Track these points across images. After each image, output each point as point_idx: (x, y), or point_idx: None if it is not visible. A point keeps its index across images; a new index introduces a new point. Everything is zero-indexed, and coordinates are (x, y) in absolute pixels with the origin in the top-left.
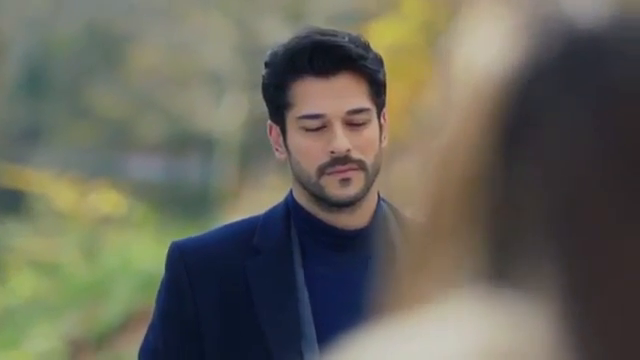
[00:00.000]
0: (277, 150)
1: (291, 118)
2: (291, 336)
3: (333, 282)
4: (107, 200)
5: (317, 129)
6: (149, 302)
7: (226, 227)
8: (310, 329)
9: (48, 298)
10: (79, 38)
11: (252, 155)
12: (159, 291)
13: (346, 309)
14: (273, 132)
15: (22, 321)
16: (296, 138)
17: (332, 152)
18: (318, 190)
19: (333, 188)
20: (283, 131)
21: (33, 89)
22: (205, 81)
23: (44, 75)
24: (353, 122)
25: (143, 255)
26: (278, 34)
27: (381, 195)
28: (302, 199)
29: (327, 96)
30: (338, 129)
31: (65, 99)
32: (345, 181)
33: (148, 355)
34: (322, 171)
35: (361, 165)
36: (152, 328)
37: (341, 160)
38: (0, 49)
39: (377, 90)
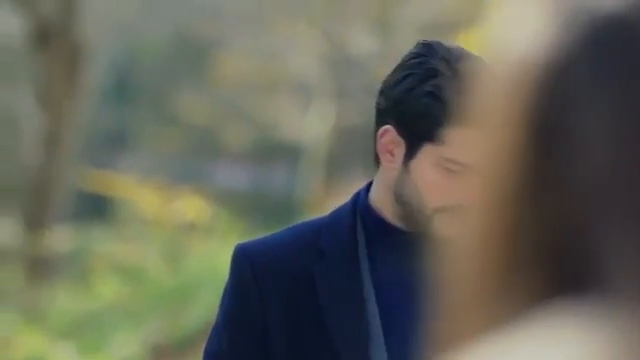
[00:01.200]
0: (383, 155)
1: (433, 152)
2: (359, 341)
3: (401, 286)
4: (191, 207)
5: (455, 172)
6: None
7: (291, 229)
8: (378, 334)
9: (131, 303)
10: (166, 44)
11: (338, 164)
12: (224, 294)
13: (414, 312)
14: (388, 138)
15: (105, 326)
16: (430, 172)
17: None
18: (425, 220)
19: (442, 227)
20: (410, 152)
21: (119, 95)
22: (292, 90)
23: (131, 81)
24: None
25: (226, 263)
26: (365, 43)
27: None
28: (385, 203)
29: (474, 149)
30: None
31: (151, 105)
32: (455, 224)
33: (213, 357)
34: (443, 210)
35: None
36: (216, 330)
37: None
38: (88, 55)
39: None
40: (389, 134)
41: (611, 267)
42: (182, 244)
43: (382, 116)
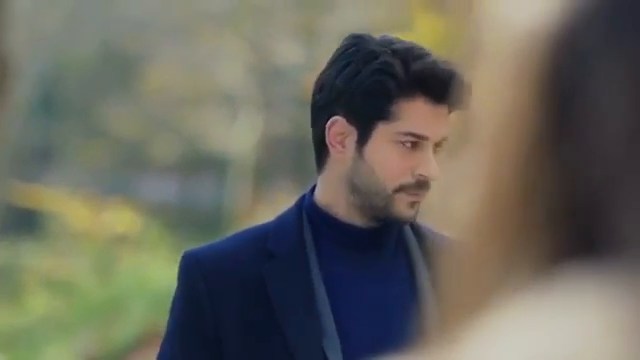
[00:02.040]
0: (333, 147)
1: (387, 130)
2: (313, 338)
3: (351, 280)
4: (121, 219)
5: (411, 148)
6: (163, 321)
7: (237, 235)
8: (331, 328)
9: (62, 317)
10: (93, 58)
11: (266, 175)
12: (173, 302)
13: (366, 307)
14: (337, 128)
15: (37, 340)
16: (387, 150)
17: (421, 175)
18: (385, 203)
19: (403, 207)
20: (363, 136)
21: (47, 109)
22: (219, 101)
23: (58, 95)
24: (437, 149)
25: (157, 274)
26: (291, 54)
27: None
28: (337, 198)
29: (434, 121)
30: (431, 154)
31: (79, 119)
32: (414, 203)
33: None
34: (402, 189)
35: (428, 190)
36: (167, 340)
37: (424, 185)
38: (14, 69)
39: None
40: (338, 124)
41: (625, 231)
42: (112, 257)
43: (323, 113)
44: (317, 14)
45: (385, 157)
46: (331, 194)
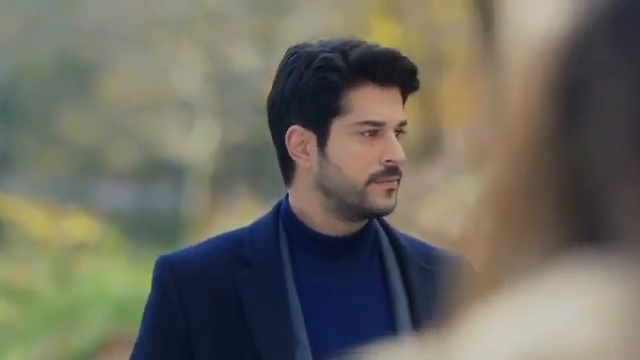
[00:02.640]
0: (297, 157)
1: (343, 124)
2: (285, 346)
3: (325, 290)
4: (79, 227)
5: (371, 137)
6: (122, 328)
7: (212, 240)
8: (303, 338)
9: (21, 324)
10: (50, 65)
11: (223, 182)
12: (146, 307)
13: (339, 316)
14: (296, 138)
15: None
16: (347, 144)
17: (388, 161)
18: (360, 199)
19: (378, 198)
20: (322, 137)
21: (4, 115)
22: (176, 108)
23: (15, 101)
24: (399, 132)
25: (116, 281)
26: (248, 61)
27: None
28: (312, 207)
29: (387, 105)
30: (394, 138)
31: (36, 126)
32: (390, 191)
33: None
34: (372, 179)
35: (400, 177)
36: (139, 345)
37: (394, 170)
38: None
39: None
40: (296, 133)
41: (625, 221)
42: (71, 264)
43: (280, 127)
44: (274, 20)
45: (348, 152)
46: (305, 203)
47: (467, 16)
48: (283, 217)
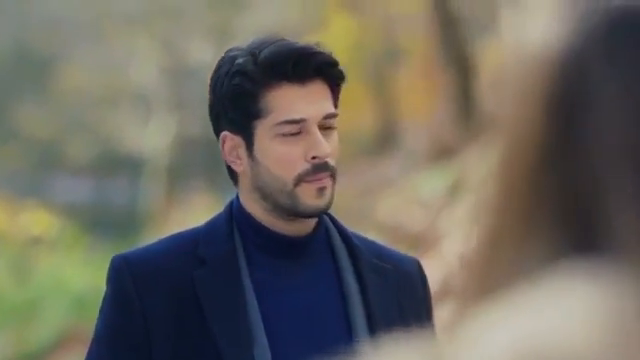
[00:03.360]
0: (233, 162)
1: (265, 126)
2: (243, 345)
3: (280, 289)
4: (37, 221)
5: (295, 135)
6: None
7: (167, 239)
8: (261, 336)
9: None
10: (5, 58)
11: (180, 176)
12: (102, 306)
13: (295, 315)
14: (228, 143)
15: None
16: (272, 146)
17: (314, 158)
18: (291, 199)
19: (309, 198)
20: (249, 141)
21: None
22: (133, 102)
23: None
24: (326, 127)
25: (73, 276)
26: (204, 54)
27: None
28: (256, 208)
29: (306, 101)
30: (318, 134)
31: None
32: (321, 190)
33: None
34: (301, 179)
35: (333, 172)
36: (96, 344)
37: (322, 167)
38: None
39: (337, 97)
40: (227, 140)
41: (620, 230)
42: (28, 258)
43: (217, 133)
44: (231, 14)
45: (273, 154)
46: (249, 205)
47: (424, 9)
48: (236, 216)
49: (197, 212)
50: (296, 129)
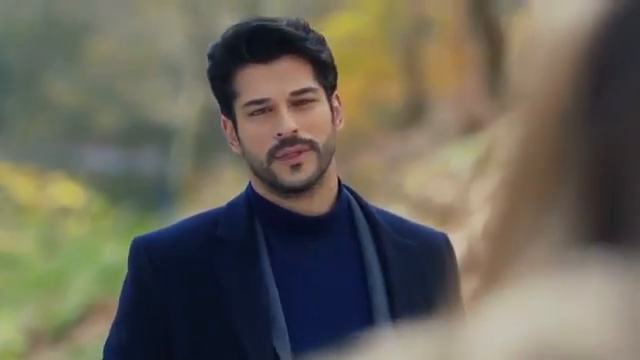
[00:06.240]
0: (232, 144)
1: (238, 108)
2: (261, 328)
3: (300, 269)
4: (65, 192)
5: (263, 114)
6: (108, 294)
7: (188, 220)
8: (280, 318)
9: (6, 290)
10: (35, 28)
11: (209, 146)
12: (123, 287)
13: (314, 295)
14: (227, 127)
15: None
16: (245, 126)
17: (279, 134)
18: (271, 177)
19: (285, 174)
20: (234, 123)
21: None
22: (162, 72)
23: None
24: (298, 103)
25: (101, 247)
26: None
27: (343, 183)
28: (260, 189)
29: (269, 80)
30: (283, 111)
31: (21, 90)
32: (296, 167)
33: (114, 352)
34: (272, 155)
35: (312, 145)
36: (117, 324)
37: (289, 141)
38: None
39: (323, 70)
40: (225, 122)
41: None
42: (57, 229)
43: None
44: None
45: (246, 132)
46: (257, 186)
47: None
48: (250, 196)
49: (226, 183)
50: (262, 108)
